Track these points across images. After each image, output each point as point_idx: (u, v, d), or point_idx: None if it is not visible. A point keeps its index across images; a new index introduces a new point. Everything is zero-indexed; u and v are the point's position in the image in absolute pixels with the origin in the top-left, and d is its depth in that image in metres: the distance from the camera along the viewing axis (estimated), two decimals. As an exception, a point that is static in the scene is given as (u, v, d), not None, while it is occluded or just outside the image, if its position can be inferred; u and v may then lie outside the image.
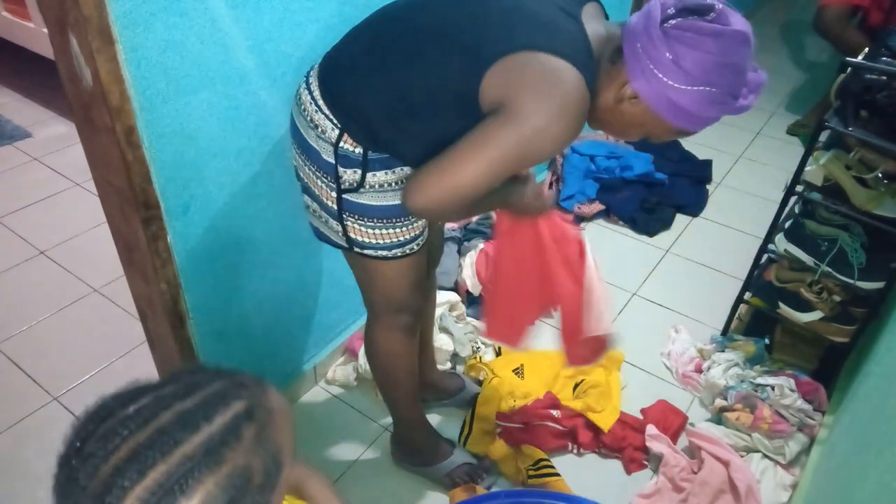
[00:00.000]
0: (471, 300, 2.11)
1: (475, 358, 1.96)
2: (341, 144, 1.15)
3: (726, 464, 1.66)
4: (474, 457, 1.70)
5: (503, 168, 1.03)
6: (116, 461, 0.55)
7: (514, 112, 0.98)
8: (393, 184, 1.18)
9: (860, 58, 1.69)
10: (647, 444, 1.76)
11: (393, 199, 1.19)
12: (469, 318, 2.05)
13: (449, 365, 1.92)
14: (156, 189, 1.23)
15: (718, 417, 1.82)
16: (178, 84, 1.18)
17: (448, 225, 2.24)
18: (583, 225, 2.62)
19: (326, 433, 1.78)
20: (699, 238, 2.59)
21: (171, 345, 1.46)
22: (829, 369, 1.90)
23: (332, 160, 1.17)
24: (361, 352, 1.88)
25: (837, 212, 1.79)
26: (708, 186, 2.89)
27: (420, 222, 1.26)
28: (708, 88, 0.97)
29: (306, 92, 1.20)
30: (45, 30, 1.15)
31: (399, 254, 1.26)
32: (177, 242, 1.32)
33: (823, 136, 1.80)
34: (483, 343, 2.03)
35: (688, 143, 3.15)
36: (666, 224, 2.62)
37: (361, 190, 1.18)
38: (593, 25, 1.07)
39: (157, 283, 1.34)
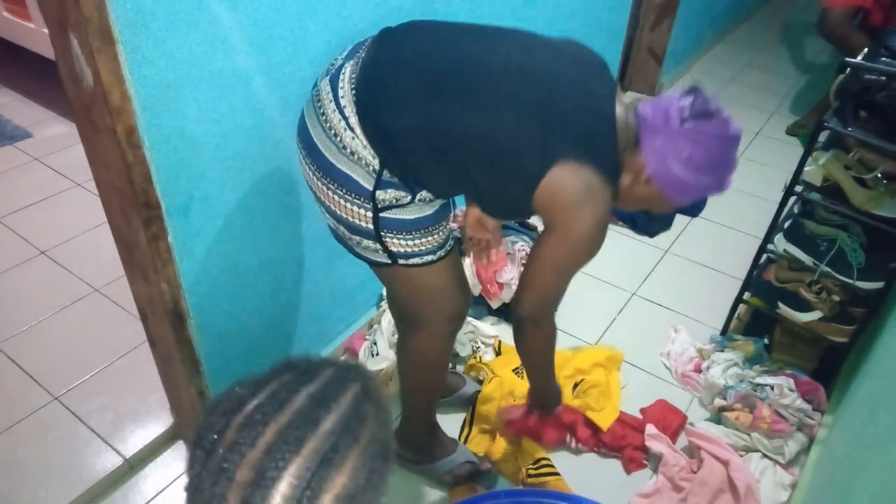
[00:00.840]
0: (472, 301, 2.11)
1: (475, 357, 1.96)
2: (384, 172, 1.17)
3: (726, 463, 1.67)
4: (475, 456, 1.70)
5: (574, 270, 1.26)
6: (265, 445, 0.57)
7: (564, 233, 1.18)
8: (426, 198, 1.23)
9: (859, 58, 1.69)
10: (647, 443, 1.76)
11: (428, 210, 1.24)
12: (469, 319, 2.05)
13: (449, 364, 1.92)
14: (156, 189, 1.23)
15: (718, 417, 1.82)
16: (179, 84, 1.18)
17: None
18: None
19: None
20: (698, 238, 2.60)
21: (172, 345, 1.47)
22: (829, 369, 1.91)
23: (370, 187, 1.17)
24: (362, 351, 1.88)
25: (837, 212, 1.80)
26: (707, 186, 2.89)
27: (448, 222, 1.33)
28: (710, 178, 1.16)
29: (340, 118, 1.15)
30: (46, 30, 1.15)
31: (442, 254, 1.31)
32: (177, 243, 1.32)
33: (823, 137, 1.80)
34: (483, 343, 2.03)
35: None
36: (666, 224, 2.62)
37: (399, 206, 1.21)
38: (617, 110, 1.19)
39: (157, 283, 1.34)
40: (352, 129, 1.14)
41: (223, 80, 1.26)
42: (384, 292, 2.03)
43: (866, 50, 1.77)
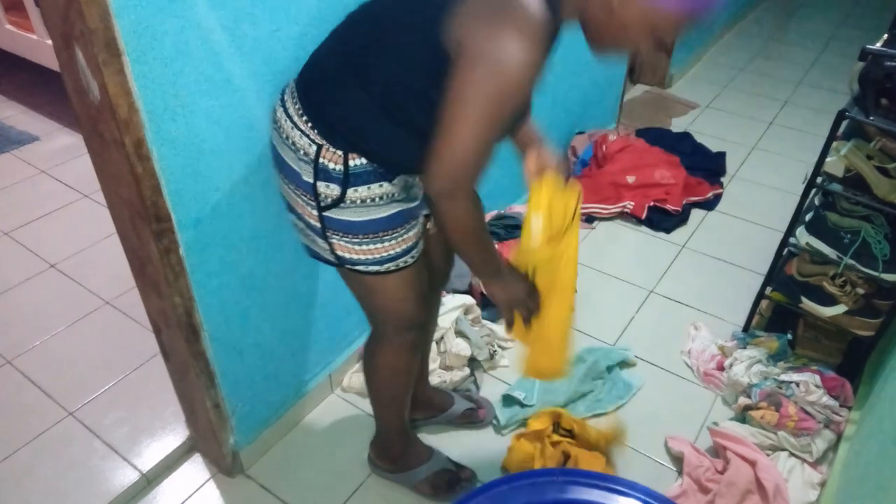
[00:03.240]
0: (485, 303, 2.08)
1: (492, 357, 1.94)
2: (320, 160, 1.12)
3: (752, 463, 1.63)
4: (453, 464, 1.65)
5: (494, 118, 0.99)
6: None
7: (475, 58, 0.96)
8: (376, 199, 1.15)
9: (879, 45, 1.65)
10: (669, 444, 1.73)
11: (376, 213, 1.16)
12: (485, 321, 2.03)
13: (467, 370, 1.90)
14: (167, 201, 1.21)
15: (743, 416, 1.79)
16: (187, 95, 1.16)
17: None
18: (595, 224, 2.59)
19: (343, 441, 1.76)
20: (715, 233, 2.56)
21: (186, 357, 1.44)
22: (854, 363, 1.87)
23: (310, 179, 1.14)
24: (377, 358, 1.86)
25: (859, 203, 1.76)
26: (722, 179, 2.85)
27: (411, 233, 1.22)
28: None
29: (281, 110, 1.18)
30: (49, 41, 1.13)
31: (392, 268, 1.23)
32: (189, 255, 1.30)
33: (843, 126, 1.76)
34: (500, 346, 2.00)
35: (700, 136, 3.11)
36: (682, 220, 2.58)
37: (342, 206, 1.14)
38: None
39: (170, 296, 1.32)
40: (291, 119, 1.14)
41: (231, 90, 1.23)
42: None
43: (886, 36, 1.73)
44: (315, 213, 1.17)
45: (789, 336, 1.93)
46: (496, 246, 1.29)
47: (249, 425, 1.65)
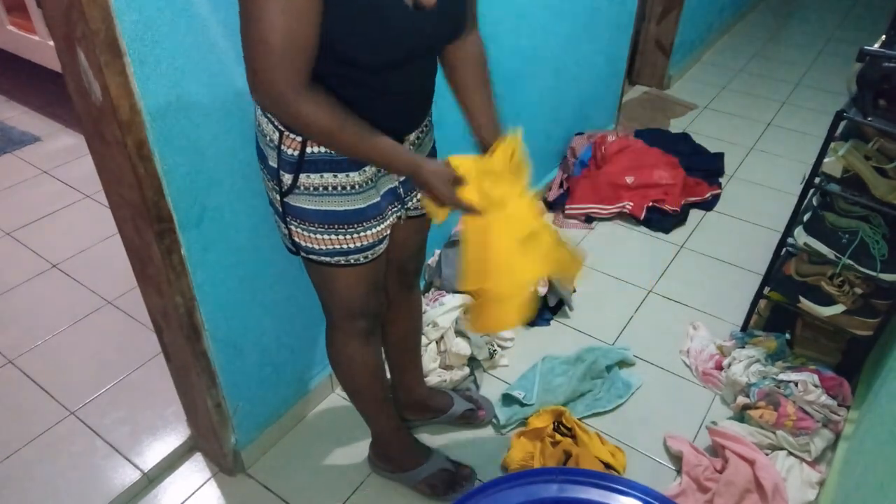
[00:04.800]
0: (485, 302, 2.08)
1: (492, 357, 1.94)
2: (282, 147, 1.11)
3: (751, 462, 1.64)
4: (452, 463, 1.66)
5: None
6: None
7: None
8: (329, 188, 1.14)
9: (877, 46, 1.66)
10: (667, 443, 1.74)
11: (330, 205, 1.15)
12: (484, 321, 2.04)
13: (467, 370, 1.90)
14: (168, 202, 1.22)
15: (741, 415, 1.79)
16: (188, 95, 1.17)
17: (456, 227, 2.23)
18: (594, 224, 2.60)
19: (344, 441, 1.76)
20: (714, 233, 2.57)
21: (187, 357, 1.45)
22: (852, 363, 1.87)
23: (275, 165, 1.13)
24: (377, 358, 1.86)
25: (857, 203, 1.76)
26: (721, 179, 2.86)
27: (368, 232, 1.20)
28: None
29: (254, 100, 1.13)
30: (52, 43, 1.14)
31: (343, 262, 1.23)
32: (191, 255, 1.31)
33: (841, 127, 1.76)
34: (499, 345, 2.01)
35: (699, 137, 3.12)
36: (681, 220, 2.59)
37: (296, 191, 1.14)
38: None
39: (171, 296, 1.33)
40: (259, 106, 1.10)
41: (232, 91, 1.24)
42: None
43: (884, 37, 1.74)
44: (278, 197, 1.17)
45: (787, 336, 1.94)
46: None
47: (250, 424, 1.66)
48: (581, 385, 1.87)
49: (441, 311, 1.92)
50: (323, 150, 1.11)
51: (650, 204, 2.58)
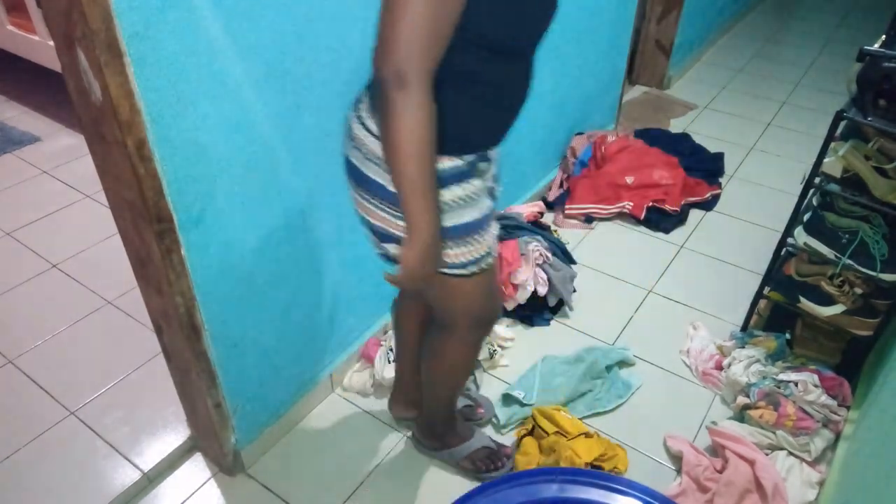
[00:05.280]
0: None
1: (492, 360, 1.94)
2: None
3: (751, 462, 1.64)
4: (494, 442, 1.70)
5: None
6: None
7: None
8: (467, 198, 1.14)
9: (877, 46, 1.66)
10: (667, 443, 1.74)
11: (468, 215, 1.15)
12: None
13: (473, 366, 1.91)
14: (168, 202, 1.22)
15: (741, 415, 1.79)
16: (188, 96, 1.17)
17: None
18: (594, 224, 2.60)
19: (344, 441, 1.76)
20: (714, 233, 2.57)
21: (188, 357, 1.45)
22: (852, 363, 1.87)
23: (393, 188, 1.08)
24: (378, 357, 1.86)
25: (857, 203, 1.76)
26: (721, 179, 2.86)
27: (494, 232, 1.22)
28: None
29: (359, 126, 1.11)
30: (52, 43, 1.14)
31: (476, 270, 1.23)
32: (191, 255, 1.31)
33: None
34: (500, 346, 2.01)
35: (699, 137, 3.12)
36: (681, 220, 2.59)
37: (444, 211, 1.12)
38: None
39: (171, 296, 1.33)
40: (373, 134, 1.09)
41: (233, 90, 1.24)
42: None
43: (884, 37, 1.74)
44: (402, 223, 1.11)
45: (787, 336, 1.94)
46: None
47: (250, 424, 1.66)
48: (581, 385, 1.87)
49: (441, 311, 1.92)
50: (449, 164, 1.10)
51: (650, 204, 2.58)
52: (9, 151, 2.97)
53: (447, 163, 1.10)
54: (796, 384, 1.74)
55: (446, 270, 1.21)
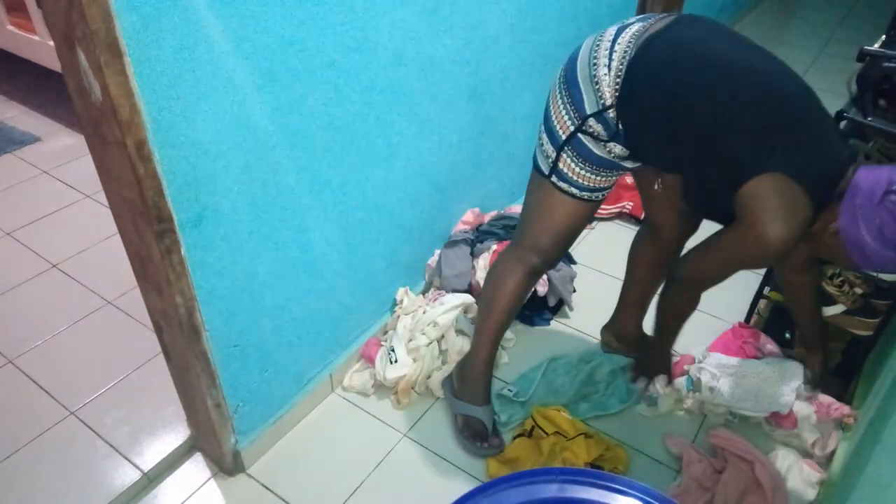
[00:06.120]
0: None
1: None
2: (607, 112, 1.33)
3: (751, 463, 1.64)
4: (493, 427, 1.73)
5: (741, 265, 1.39)
6: None
7: (753, 231, 1.24)
8: (606, 143, 1.37)
9: (877, 46, 1.66)
10: (668, 444, 1.74)
11: (605, 154, 1.39)
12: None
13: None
14: (168, 202, 1.22)
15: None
16: (188, 96, 1.17)
17: (456, 228, 2.23)
18: (594, 224, 2.59)
19: (344, 441, 1.76)
20: (713, 231, 2.56)
21: (187, 357, 1.45)
22: (852, 363, 1.87)
23: (590, 110, 1.34)
24: (378, 358, 1.87)
25: (857, 203, 1.76)
26: (721, 180, 2.86)
27: (614, 177, 1.46)
28: (892, 254, 1.20)
29: (606, 54, 1.33)
30: (51, 42, 1.14)
31: (587, 197, 1.46)
32: (191, 255, 1.31)
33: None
34: (500, 346, 2.01)
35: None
36: (680, 219, 2.59)
37: (594, 137, 1.37)
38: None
39: (171, 296, 1.33)
40: (609, 69, 1.31)
41: (233, 90, 1.24)
42: (397, 296, 2.02)
43: (884, 37, 1.74)
44: (571, 128, 1.38)
45: (787, 336, 1.94)
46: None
47: (250, 424, 1.66)
48: (585, 387, 1.87)
49: (441, 310, 1.92)
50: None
51: (650, 204, 2.58)
52: (9, 151, 2.97)
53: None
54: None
55: (564, 186, 1.45)
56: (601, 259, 2.39)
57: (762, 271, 1.95)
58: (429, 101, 1.81)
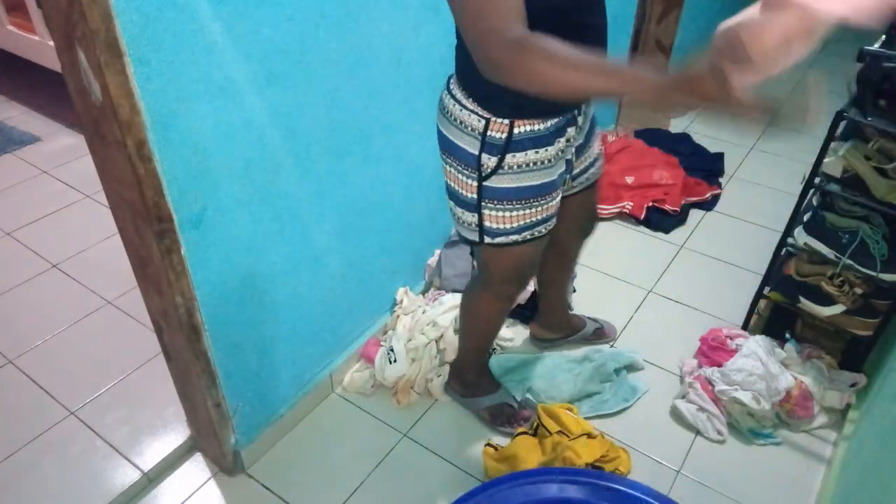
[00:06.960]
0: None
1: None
2: (489, 133, 1.24)
3: None
4: (516, 402, 1.80)
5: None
6: None
7: None
8: (530, 164, 1.27)
9: (877, 45, 1.66)
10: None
11: (528, 181, 1.29)
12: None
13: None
14: (168, 202, 1.22)
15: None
16: (188, 96, 1.17)
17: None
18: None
19: (344, 441, 1.76)
20: (714, 233, 2.56)
21: (188, 357, 1.45)
22: (852, 363, 1.87)
23: (476, 151, 1.26)
24: (378, 357, 1.86)
25: (857, 203, 1.76)
26: (721, 179, 2.86)
27: (552, 203, 1.35)
28: None
29: (448, 97, 1.29)
30: (52, 43, 1.14)
31: (528, 237, 1.37)
32: (191, 255, 1.31)
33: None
34: (499, 345, 2.01)
35: (699, 137, 3.12)
36: (681, 220, 2.59)
37: (500, 172, 1.27)
38: None
39: (171, 296, 1.33)
40: (460, 103, 1.25)
41: (232, 90, 1.24)
42: (397, 296, 2.02)
43: (884, 37, 1.74)
44: (475, 184, 1.30)
45: (788, 335, 1.94)
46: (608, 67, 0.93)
47: (250, 424, 1.66)
48: (587, 386, 1.87)
49: (441, 310, 1.92)
50: (527, 128, 1.24)
51: (650, 204, 2.58)
52: (9, 151, 2.97)
53: (526, 126, 1.23)
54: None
55: (501, 239, 1.36)
56: (601, 259, 2.39)
57: (761, 272, 1.95)
58: (429, 100, 1.81)
